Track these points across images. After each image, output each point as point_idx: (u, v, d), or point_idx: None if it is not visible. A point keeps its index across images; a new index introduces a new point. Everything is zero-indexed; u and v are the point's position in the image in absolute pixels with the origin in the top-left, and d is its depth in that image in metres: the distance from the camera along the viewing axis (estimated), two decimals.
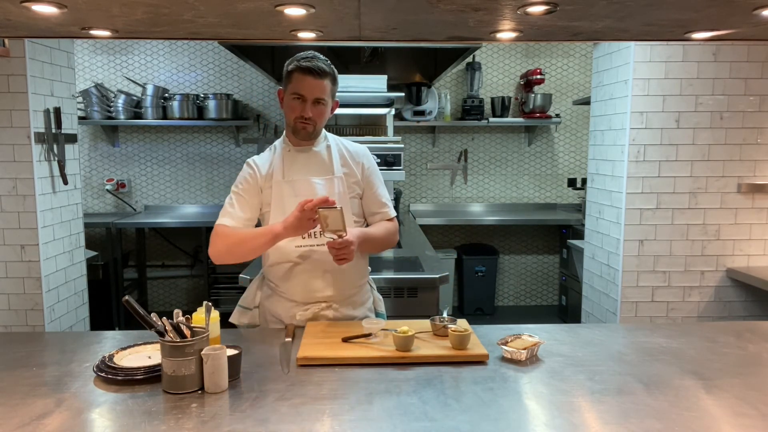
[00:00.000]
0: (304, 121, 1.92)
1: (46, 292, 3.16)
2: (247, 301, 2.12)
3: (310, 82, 1.88)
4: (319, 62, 1.90)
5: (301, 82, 1.89)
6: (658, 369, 1.63)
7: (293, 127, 1.96)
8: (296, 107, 1.91)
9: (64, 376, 1.57)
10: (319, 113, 1.93)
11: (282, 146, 2.03)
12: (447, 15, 1.46)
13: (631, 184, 3.22)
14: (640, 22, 1.57)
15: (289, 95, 1.92)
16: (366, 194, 2.07)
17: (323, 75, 1.89)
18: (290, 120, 1.95)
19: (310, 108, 1.91)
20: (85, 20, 1.54)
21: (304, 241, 1.96)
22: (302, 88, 1.89)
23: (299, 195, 1.92)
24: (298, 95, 1.90)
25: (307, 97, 1.90)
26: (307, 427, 1.28)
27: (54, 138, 3.20)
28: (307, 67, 1.88)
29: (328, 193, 1.94)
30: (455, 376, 1.56)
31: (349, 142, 2.12)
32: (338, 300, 2.02)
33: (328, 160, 2.01)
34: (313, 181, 1.97)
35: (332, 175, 1.99)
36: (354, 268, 2.01)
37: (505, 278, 5.76)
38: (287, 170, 1.99)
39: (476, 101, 5.24)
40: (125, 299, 1.45)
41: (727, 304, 3.32)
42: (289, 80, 1.92)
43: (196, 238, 5.35)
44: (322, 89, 1.90)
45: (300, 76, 1.89)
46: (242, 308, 2.12)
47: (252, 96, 5.41)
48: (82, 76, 5.24)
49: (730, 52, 3.13)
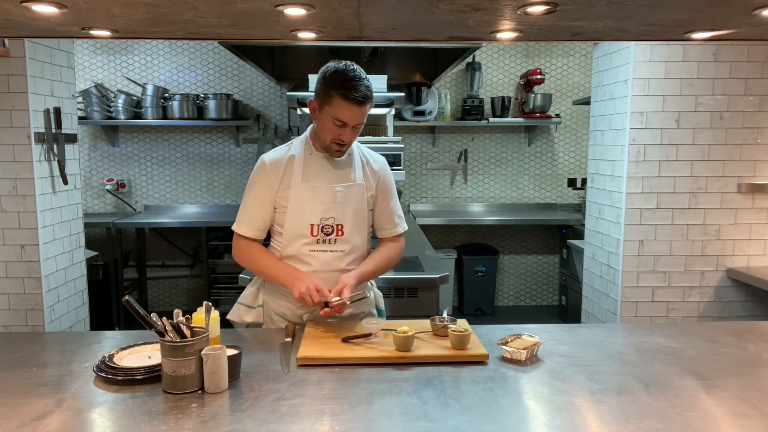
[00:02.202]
0: (341, 144, 1.92)
1: (46, 292, 3.16)
2: (249, 299, 2.12)
3: (355, 111, 1.84)
4: (363, 87, 1.83)
5: (344, 110, 1.84)
6: (658, 369, 1.63)
7: (328, 146, 1.93)
8: (335, 131, 1.88)
9: (64, 376, 1.57)
10: (356, 135, 1.94)
11: (303, 147, 2.01)
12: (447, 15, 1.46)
13: (631, 184, 3.22)
14: (640, 22, 1.57)
15: (329, 117, 1.86)
16: (378, 207, 2.07)
17: (366, 102, 1.85)
18: (326, 140, 1.92)
19: (349, 133, 1.89)
20: (85, 20, 1.54)
21: (318, 246, 1.97)
22: (345, 116, 1.85)
23: (318, 201, 1.94)
24: (341, 122, 1.86)
25: (349, 124, 1.87)
26: (307, 427, 1.28)
27: (54, 138, 3.20)
28: (353, 98, 1.81)
29: (347, 200, 1.97)
30: (455, 376, 1.56)
31: (370, 151, 2.11)
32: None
33: (350, 168, 2.01)
34: (334, 188, 1.97)
35: (353, 183, 2.00)
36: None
37: (505, 278, 5.76)
38: (307, 173, 1.97)
39: (476, 101, 5.23)
40: (125, 299, 1.45)
41: (727, 304, 3.32)
42: (329, 102, 1.85)
43: (196, 238, 5.35)
44: (363, 114, 1.88)
45: (344, 103, 1.83)
46: (245, 306, 2.12)
47: (252, 96, 5.41)
48: (82, 76, 5.24)
49: (730, 52, 3.13)
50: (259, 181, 1.98)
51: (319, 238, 1.96)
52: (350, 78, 1.83)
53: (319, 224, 1.96)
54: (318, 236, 1.96)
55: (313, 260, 1.97)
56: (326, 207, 1.95)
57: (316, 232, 1.96)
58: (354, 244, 2.00)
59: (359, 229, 2.01)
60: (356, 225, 2.00)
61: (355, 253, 2.01)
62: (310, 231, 1.96)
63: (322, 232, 1.96)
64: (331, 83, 1.84)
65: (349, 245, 1.99)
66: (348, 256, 1.99)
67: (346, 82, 1.82)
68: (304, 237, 1.96)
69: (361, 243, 2.02)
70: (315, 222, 1.95)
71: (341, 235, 1.97)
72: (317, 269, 1.96)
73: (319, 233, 1.96)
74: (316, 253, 1.97)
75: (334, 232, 1.97)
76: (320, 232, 1.96)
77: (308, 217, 1.95)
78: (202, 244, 5.04)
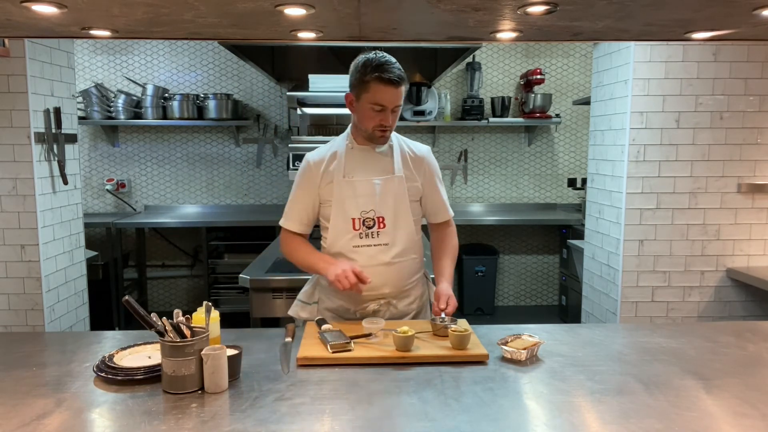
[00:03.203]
0: (383, 128, 1.97)
1: (46, 292, 3.16)
2: (305, 296, 2.19)
3: (392, 92, 1.90)
4: (395, 69, 1.90)
5: (382, 93, 1.90)
6: (658, 369, 1.63)
7: (371, 134, 1.99)
8: (376, 117, 1.94)
9: (64, 376, 1.57)
10: (396, 118, 1.98)
11: (345, 143, 2.07)
12: (447, 15, 1.46)
13: (631, 184, 3.22)
14: (640, 22, 1.57)
15: (368, 105, 1.93)
16: (427, 195, 2.13)
17: (401, 82, 1.91)
18: (368, 128, 1.97)
19: (389, 116, 1.95)
20: (85, 20, 1.54)
21: (362, 241, 2.01)
22: (383, 99, 1.90)
23: (358, 195, 2.01)
24: (380, 105, 1.91)
25: (388, 107, 1.92)
26: (307, 427, 1.28)
27: (54, 138, 3.20)
28: (388, 78, 1.88)
29: (386, 192, 2.01)
30: (455, 376, 1.56)
31: (414, 143, 2.16)
32: (395, 295, 2.07)
33: (390, 160, 2.06)
34: (373, 182, 2.02)
35: (392, 175, 2.04)
36: (409, 263, 2.07)
37: (505, 278, 5.76)
38: (348, 169, 2.03)
39: (476, 101, 5.23)
40: (125, 299, 1.45)
41: (727, 304, 3.32)
42: (366, 89, 1.91)
43: (196, 238, 5.36)
44: (400, 96, 1.93)
45: (380, 87, 1.89)
46: (302, 303, 2.18)
47: (252, 96, 5.41)
48: (82, 76, 5.24)
49: (730, 52, 3.13)
50: (303, 179, 2.07)
51: (361, 232, 2.02)
52: (383, 62, 1.90)
53: (360, 218, 2.01)
54: (360, 230, 2.02)
55: (358, 256, 2.01)
56: (366, 200, 2.01)
57: (358, 226, 2.01)
58: (397, 236, 2.04)
59: (401, 221, 2.05)
60: (398, 217, 2.04)
61: (398, 246, 2.04)
62: (352, 225, 2.01)
63: (364, 226, 2.01)
64: (366, 70, 1.91)
65: (392, 237, 2.03)
66: (391, 249, 2.03)
67: (379, 66, 1.89)
68: (347, 232, 2.02)
69: (404, 235, 2.05)
70: (356, 216, 2.01)
71: (383, 228, 2.02)
72: (363, 264, 1.99)
73: (361, 227, 2.02)
74: (360, 249, 2.01)
75: (376, 225, 2.02)
76: (362, 226, 2.01)
77: (350, 211, 2.01)
78: (202, 244, 5.05)
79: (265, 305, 2.77)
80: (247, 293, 2.78)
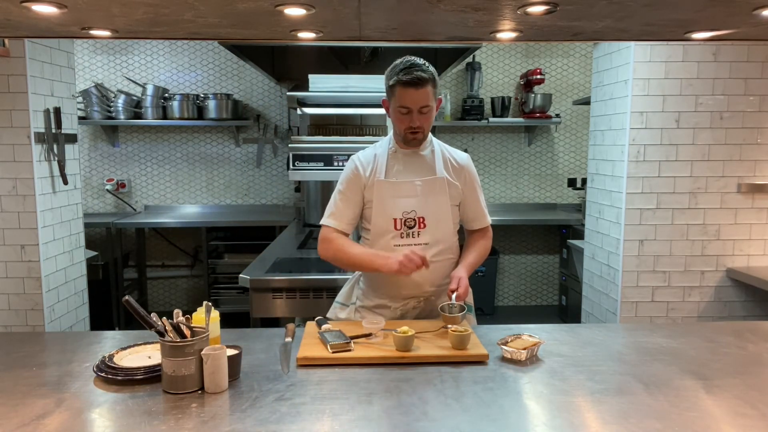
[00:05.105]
0: (413, 131, 2.00)
1: (46, 292, 3.16)
2: (344, 298, 2.22)
3: (413, 94, 1.94)
4: (418, 71, 1.93)
5: (404, 95, 1.95)
6: (658, 369, 1.63)
7: (404, 137, 2.04)
8: (404, 119, 1.99)
9: (64, 376, 1.57)
10: (426, 119, 2.01)
11: (388, 146, 2.12)
12: (447, 15, 1.47)
13: (631, 184, 3.22)
14: (640, 22, 1.57)
15: (396, 108, 1.99)
16: (466, 202, 2.15)
17: (424, 83, 1.94)
18: (400, 131, 2.04)
19: (417, 117, 1.98)
20: (85, 20, 1.54)
21: (402, 240, 2.05)
22: (407, 101, 1.95)
23: (400, 195, 2.05)
24: (405, 108, 1.96)
25: (412, 109, 1.96)
26: (307, 427, 1.28)
27: (54, 138, 3.20)
28: (408, 80, 1.92)
29: (427, 193, 2.04)
30: (455, 376, 1.56)
31: (454, 150, 2.20)
32: (434, 293, 2.10)
33: (432, 163, 2.10)
34: (415, 183, 2.06)
35: (434, 176, 2.07)
36: (446, 263, 2.10)
37: (505, 278, 5.76)
38: (390, 171, 2.08)
39: (476, 101, 5.23)
40: (125, 299, 1.45)
41: (727, 304, 3.32)
42: (393, 94, 1.98)
43: (196, 238, 5.35)
44: (425, 97, 1.96)
45: (403, 90, 1.94)
46: (340, 304, 2.21)
47: (252, 96, 5.41)
48: (82, 76, 5.24)
49: (730, 52, 3.13)
50: (348, 179, 2.10)
51: (402, 232, 2.05)
52: (404, 67, 1.96)
53: (401, 218, 2.05)
54: (401, 230, 2.05)
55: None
56: (407, 201, 2.05)
57: (400, 226, 2.05)
58: (437, 236, 2.07)
59: (441, 221, 2.08)
60: (438, 217, 2.07)
61: (438, 246, 2.07)
62: (393, 225, 2.05)
63: (405, 226, 2.05)
64: (390, 76, 1.99)
65: (432, 237, 2.06)
66: (432, 248, 2.05)
67: (401, 71, 1.95)
68: (389, 232, 2.06)
69: (443, 235, 2.08)
70: (398, 216, 2.05)
71: (423, 228, 2.06)
72: None
73: (402, 227, 2.05)
74: (401, 248, 2.02)
75: (417, 225, 2.05)
76: (403, 226, 2.05)
77: (391, 211, 2.05)
78: (202, 244, 5.05)
79: (265, 305, 2.77)
80: (247, 293, 2.78)
